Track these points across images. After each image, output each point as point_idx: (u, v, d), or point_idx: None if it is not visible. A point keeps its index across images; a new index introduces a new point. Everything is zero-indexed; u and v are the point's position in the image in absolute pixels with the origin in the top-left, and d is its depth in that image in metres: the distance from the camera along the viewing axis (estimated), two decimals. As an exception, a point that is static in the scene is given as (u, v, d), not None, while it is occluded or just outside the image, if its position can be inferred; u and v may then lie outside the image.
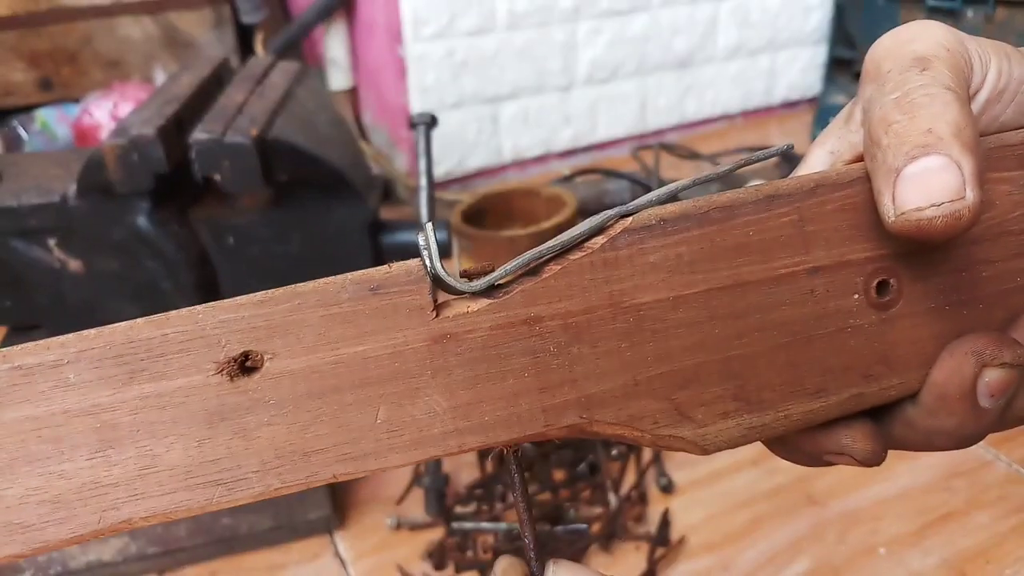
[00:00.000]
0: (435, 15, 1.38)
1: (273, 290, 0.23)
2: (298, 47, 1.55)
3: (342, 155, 0.82)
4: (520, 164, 1.61)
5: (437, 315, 0.24)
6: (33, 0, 1.41)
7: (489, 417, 0.24)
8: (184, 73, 0.89)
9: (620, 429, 0.26)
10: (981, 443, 0.87)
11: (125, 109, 1.35)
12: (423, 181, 1.01)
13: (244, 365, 0.23)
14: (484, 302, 0.24)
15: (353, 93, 1.59)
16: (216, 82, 0.89)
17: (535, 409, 0.25)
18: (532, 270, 0.25)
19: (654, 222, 0.25)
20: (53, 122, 1.47)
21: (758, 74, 1.76)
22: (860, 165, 0.28)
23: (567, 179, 1.49)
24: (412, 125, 1.06)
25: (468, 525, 0.81)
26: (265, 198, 0.81)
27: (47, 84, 1.48)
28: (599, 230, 0.25)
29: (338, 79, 1.56)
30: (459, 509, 0.84)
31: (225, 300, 0.22)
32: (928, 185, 0.24)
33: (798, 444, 0.30)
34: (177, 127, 0.75)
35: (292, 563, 0.80)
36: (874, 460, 0.30)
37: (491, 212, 1.15)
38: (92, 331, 0.22)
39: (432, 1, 1.37)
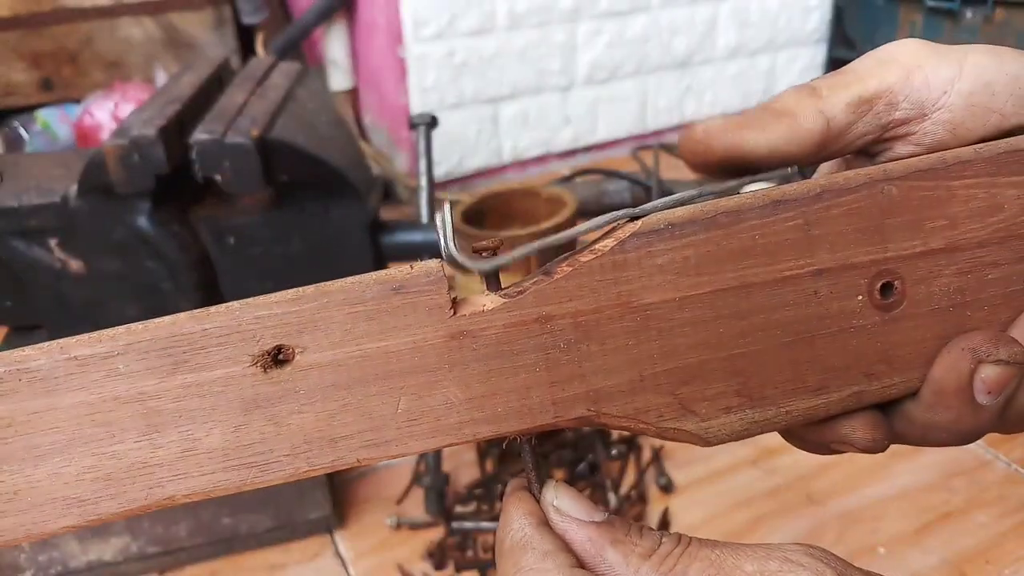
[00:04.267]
0: (435, 16, 1.38)
1: (303, 288, 0.24)
2: (299, 48, 1.55)
3: (342, 155, 0.82)
4: (520, 164, 1.61)
5: (454, 313, 0.25)
6: (35, 1, 1.42)
7: (502, 408, 0.26)
8: (185, 74, 0.89)
9: (626, 421, 0.27)
10: (981, 443, 0.88)
11: (126, 109, 1.35)
12: (423, 181, 1.02)
13: (277, 358, 0.24)
14: (499, 301, 0.25)
15: (353, 94, 1.60)
16: (217, 83, 0.89)
17: (545, 402, 0.26)
18: (545, 271, 0.26)
19: (662, 226, 0.26)
20: (54, 122, 1.47)
21: (757, 74, 1.76)
22: (865, 171, 0.28)
23: (567, 179, 1.49)
24: (412, 126, 1.06)
25: (468, 524, 0.81)
26: (266, 198, 0.81)
27: (48, 84, 1.48)
28: (607, 230, 0.26)
29: (338, 80, 1.57)
30: (459, 509, 0.84)
31: (259, 297, 0.24)
32: None
33: (803, 434, 0.31)
34: (178, 128, 0.75)
35: (292, 563, 0.80)
36: (876, 449, 0.30)
37: (491, 212, 1.15)
38: (139, 325, 0.24)
39: (432, 2, 1.37)
